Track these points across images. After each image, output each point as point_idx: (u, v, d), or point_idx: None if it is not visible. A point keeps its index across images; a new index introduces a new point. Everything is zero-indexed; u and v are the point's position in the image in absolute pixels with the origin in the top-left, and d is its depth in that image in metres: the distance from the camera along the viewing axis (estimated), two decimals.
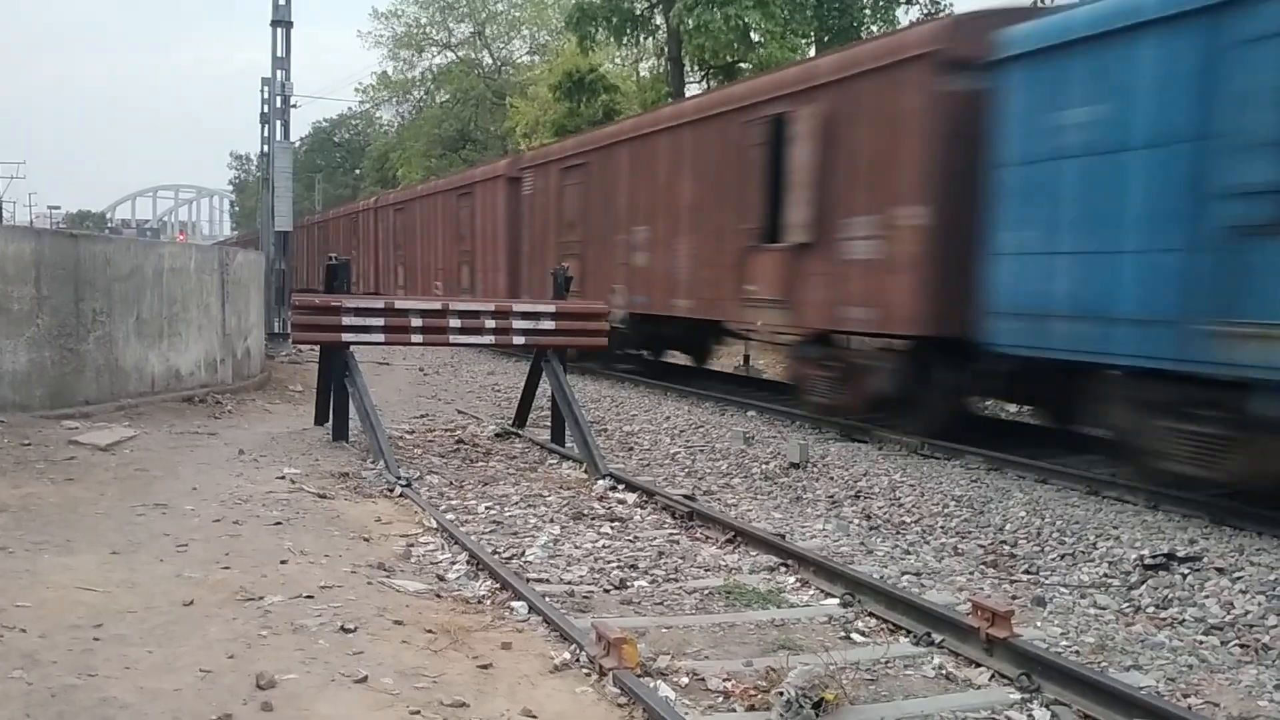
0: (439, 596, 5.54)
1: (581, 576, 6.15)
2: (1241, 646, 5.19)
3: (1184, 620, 5.57)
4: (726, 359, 19.03)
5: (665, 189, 15.06)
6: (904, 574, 6.37)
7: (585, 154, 17.89)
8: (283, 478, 8.24)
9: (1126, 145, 7.97)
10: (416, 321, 9.84)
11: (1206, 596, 5.81)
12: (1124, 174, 7.97)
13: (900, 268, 10.17)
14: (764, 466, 9.58)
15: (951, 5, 26.33)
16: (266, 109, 22.84)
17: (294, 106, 22.60)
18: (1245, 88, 7.09)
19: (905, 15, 26.24)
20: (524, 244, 20.25)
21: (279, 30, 21.57)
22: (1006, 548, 6.98)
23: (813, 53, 25.05)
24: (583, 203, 17.85)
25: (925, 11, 25.94)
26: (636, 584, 6.05)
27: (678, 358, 18.29)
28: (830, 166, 11.17)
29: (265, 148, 23.50)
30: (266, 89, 22.53)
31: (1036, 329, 8.75)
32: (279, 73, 21.85)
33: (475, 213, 23.01)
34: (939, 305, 9.80)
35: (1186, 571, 6.15)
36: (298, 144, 51.54)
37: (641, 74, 34.67)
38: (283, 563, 5.85)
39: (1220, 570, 6.12)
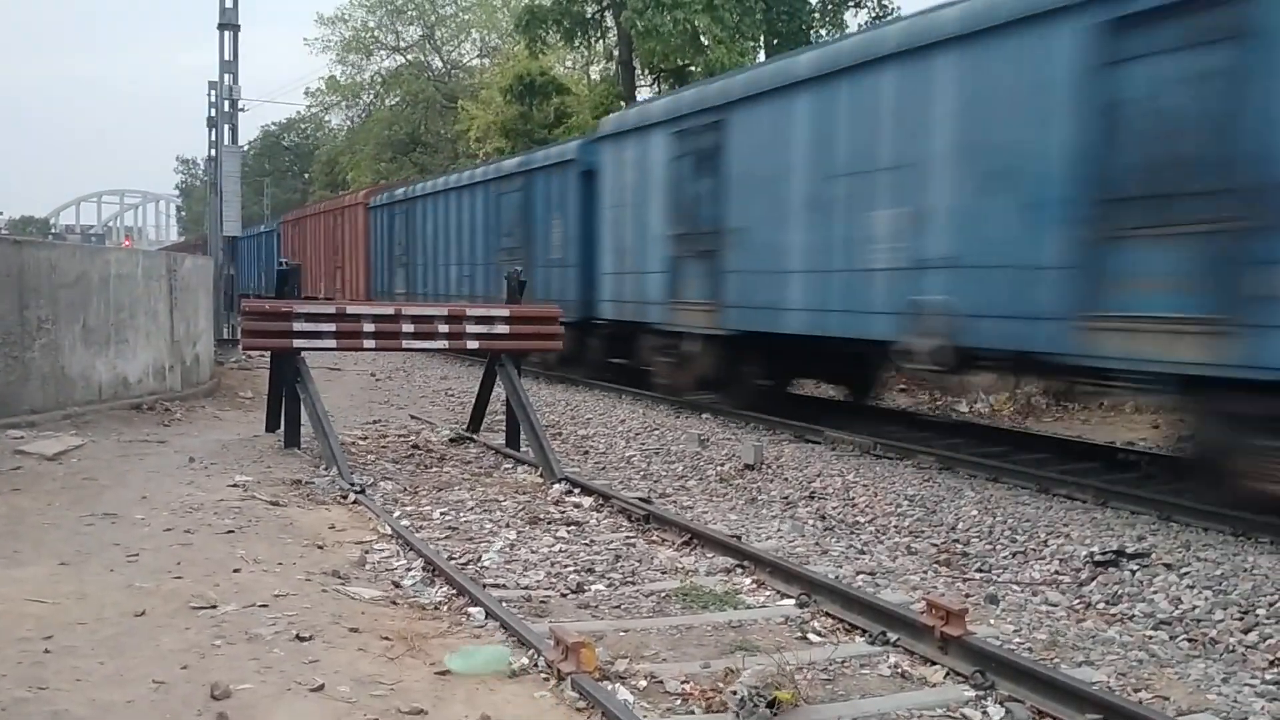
0: (395, 603, 5.51)
1: (538, 581, 6.14)
2: (1190, 641, 5.29)
3: (1133, 616, 5.66)
4: None
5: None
6: (859, 574, 6.42)
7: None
8: (234, 485, 8.15)
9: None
10: (369, 327, 9.77)
11: (1155, 592, 5.91)
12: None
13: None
14: (719, 468, 9.62)
15: (899, 9, 26.51)
16: (214, 112, 22.56)
17: (242, 110, 22.38)
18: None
19: (854, 19, 26.40)
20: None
21: (226, 33, 21.35)
22: (959, 546, 7.06)
23: (762, 56, 25.13)
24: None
25: (873, 15, 26.09)
26: (594, 588, 6.05)
27: None
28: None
29: (213, 152, 23.20)
30: (214, 92, 22.26)
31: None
32: (226, 76, 21.62)
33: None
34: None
35: (1135, 568, 6.26)
36: (246, 148, 50.80)
37: (593, 77, 34.69)
38: (235, 571, 5.79)
39: (1168, 566, 6.23)
